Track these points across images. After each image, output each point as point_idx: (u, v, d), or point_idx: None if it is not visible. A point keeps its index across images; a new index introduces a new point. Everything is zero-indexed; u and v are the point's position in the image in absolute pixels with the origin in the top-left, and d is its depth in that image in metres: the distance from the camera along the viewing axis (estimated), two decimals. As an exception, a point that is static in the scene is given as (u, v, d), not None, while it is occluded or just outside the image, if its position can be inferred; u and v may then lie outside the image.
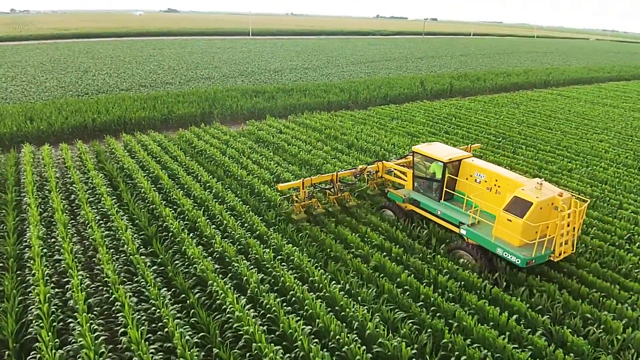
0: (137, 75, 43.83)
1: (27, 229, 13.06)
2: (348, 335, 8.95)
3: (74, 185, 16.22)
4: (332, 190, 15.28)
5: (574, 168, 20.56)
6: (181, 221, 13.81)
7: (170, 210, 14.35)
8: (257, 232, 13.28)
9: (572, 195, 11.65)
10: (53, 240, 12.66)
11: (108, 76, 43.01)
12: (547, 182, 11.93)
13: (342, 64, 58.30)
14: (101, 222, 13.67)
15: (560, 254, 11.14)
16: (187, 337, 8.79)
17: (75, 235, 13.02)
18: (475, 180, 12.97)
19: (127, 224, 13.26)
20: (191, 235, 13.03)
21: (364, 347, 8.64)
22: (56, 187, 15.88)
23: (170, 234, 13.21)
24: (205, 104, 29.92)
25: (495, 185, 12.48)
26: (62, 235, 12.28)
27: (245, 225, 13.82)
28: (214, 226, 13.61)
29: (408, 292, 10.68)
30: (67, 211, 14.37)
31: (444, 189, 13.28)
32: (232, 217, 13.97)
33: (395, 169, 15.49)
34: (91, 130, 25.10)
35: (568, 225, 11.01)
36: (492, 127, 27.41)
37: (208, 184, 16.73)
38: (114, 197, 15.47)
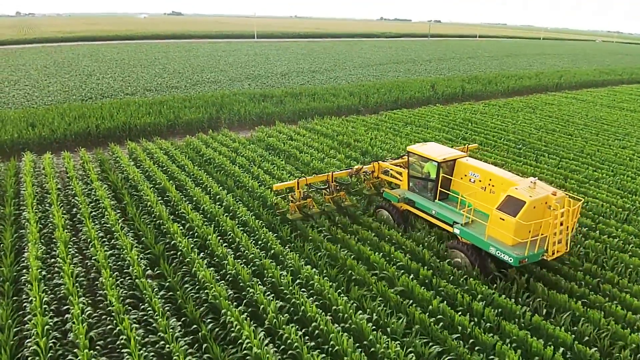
0: (141, 79, 43.01)
1: (26, 248, 12.18)
2: (381, 376, 7.98)
3: (76, 197, 15.31)
4: (327, 190, 15.32)
5: (600, 177, 19.53)
6: (190, 239, 12.88)
7: (179, 227, 13.41)
8: (272, 251, 12.35)
9: (566, 195, 11.50)
10: (53, 260, 11.74)
11: (112, 80, 42.19)
12: (540, 182, 11.82)
13: (350, 67, 57.35)
14: (104, 239, 12.75)
15: (553, 253, 11.05)
16: (201, 379, 7.85)
17: (77, 254, 12.09)
18: (470, 179, 12.92)
19: (132, 242, 12.34)
20: (201, 255, 12.09)
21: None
22: (57, 200, 15.00)
23: (179, 253, 12.27)
24: (212, 108, 28.95)
25: (489, 184, 12.38)
26: (63, 255, 11.36)
27: (259, 243, 12.87)
28: (225, 244, 12.67)
29: (442, 323, 9.70)
30: (68, 227, 13.45)
31: (439, 188, 13.24)
32: (244, 234, 13.03)
33: (391, 169, 15.51)
34: (95, 137, 24.19)
35: (561, 225, 10.93)
36: (511, 133, 26.37)
37: (218, 196, 15.79)
38: (118, 211, 14.55)
